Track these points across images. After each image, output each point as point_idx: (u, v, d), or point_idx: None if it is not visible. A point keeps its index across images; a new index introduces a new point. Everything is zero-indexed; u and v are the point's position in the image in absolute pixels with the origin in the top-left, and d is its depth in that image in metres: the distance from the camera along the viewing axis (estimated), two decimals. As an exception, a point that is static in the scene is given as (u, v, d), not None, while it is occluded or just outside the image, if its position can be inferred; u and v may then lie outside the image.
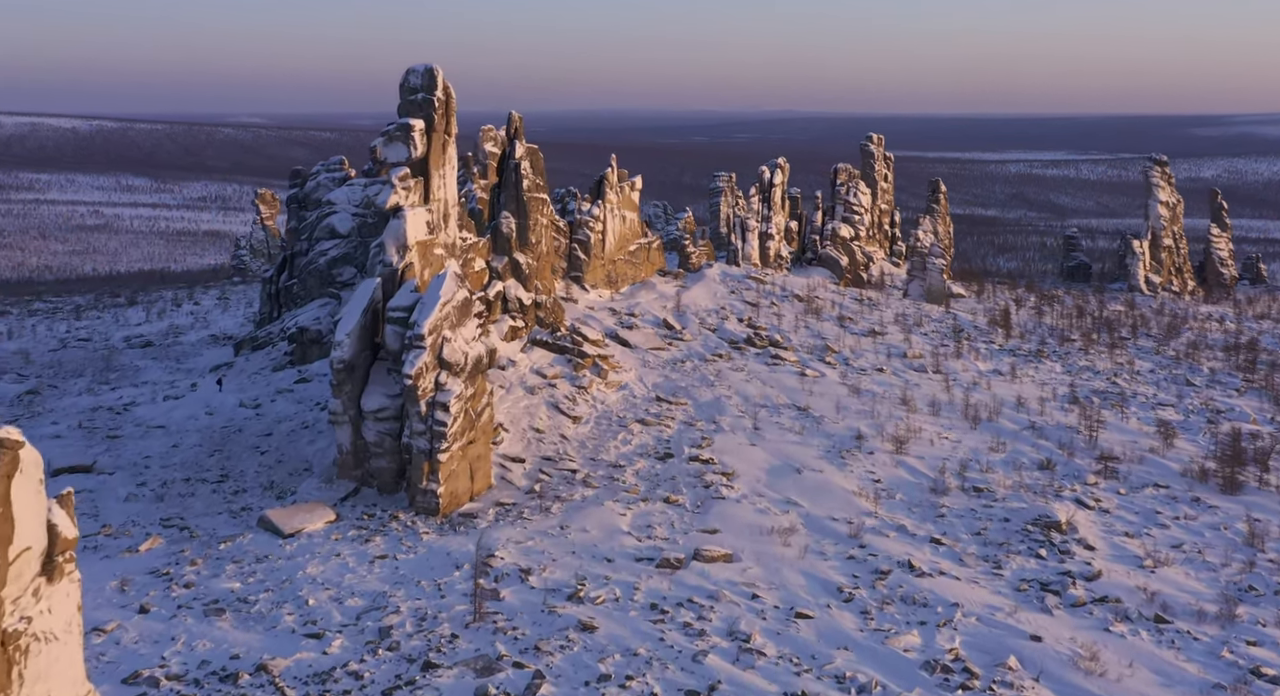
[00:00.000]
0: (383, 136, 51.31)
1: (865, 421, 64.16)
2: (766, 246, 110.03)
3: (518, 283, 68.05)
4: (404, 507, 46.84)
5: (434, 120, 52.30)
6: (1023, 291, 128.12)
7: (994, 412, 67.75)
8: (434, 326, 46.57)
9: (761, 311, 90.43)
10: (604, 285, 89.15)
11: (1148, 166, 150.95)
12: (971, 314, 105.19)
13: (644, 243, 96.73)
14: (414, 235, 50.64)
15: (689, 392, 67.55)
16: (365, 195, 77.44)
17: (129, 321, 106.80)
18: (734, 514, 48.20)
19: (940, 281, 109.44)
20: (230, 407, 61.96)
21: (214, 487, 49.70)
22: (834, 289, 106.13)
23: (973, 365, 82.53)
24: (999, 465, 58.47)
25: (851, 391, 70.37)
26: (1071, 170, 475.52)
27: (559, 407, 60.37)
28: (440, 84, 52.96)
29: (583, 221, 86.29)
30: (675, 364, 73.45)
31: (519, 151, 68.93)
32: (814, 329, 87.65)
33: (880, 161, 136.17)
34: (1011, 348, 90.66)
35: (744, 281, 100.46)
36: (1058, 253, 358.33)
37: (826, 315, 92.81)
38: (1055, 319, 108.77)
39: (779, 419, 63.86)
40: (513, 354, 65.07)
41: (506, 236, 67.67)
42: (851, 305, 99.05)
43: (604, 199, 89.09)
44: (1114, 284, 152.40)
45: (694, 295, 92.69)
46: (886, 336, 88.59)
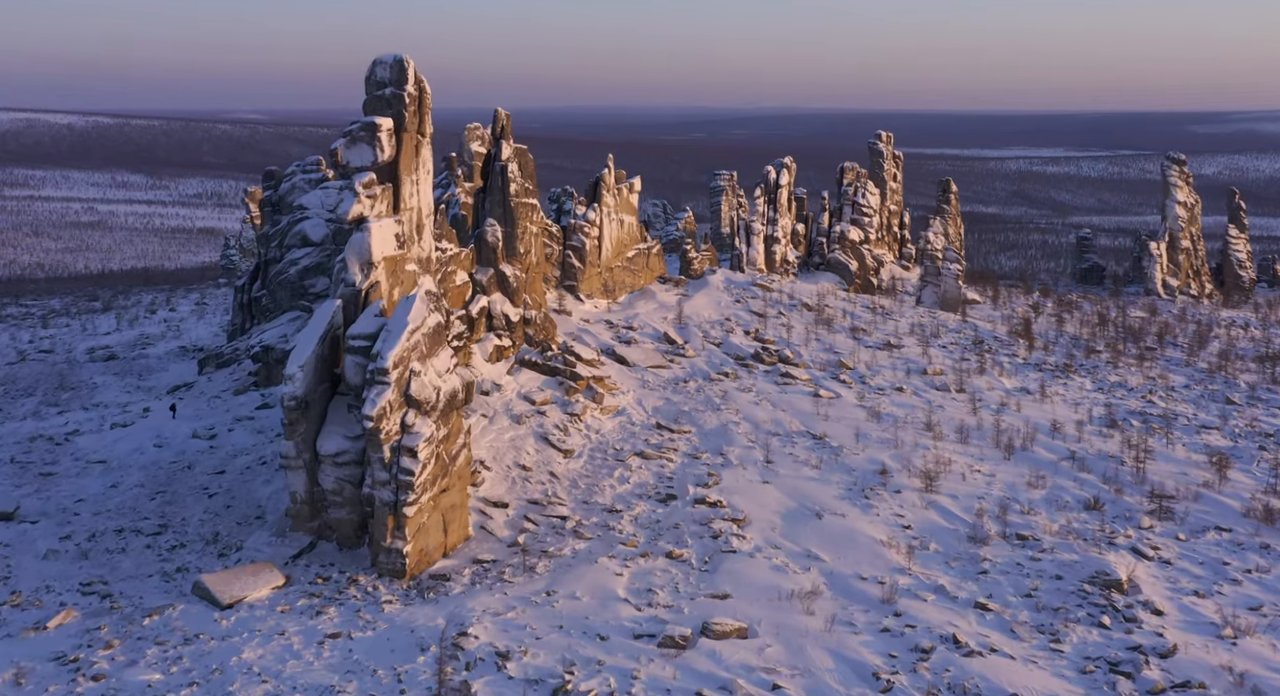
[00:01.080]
0: (345, 137, 44.38)
1: (888, 452, 57.28)
2: (772, 251, 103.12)
3: (504, 297, 61.12)
4: (365, 569, 39.97)
5: (404, 118, 45.33)
6: (1039, 296, 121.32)
7: (1028, 440, 60.88)
8: (400, 358, 39.66)
9: (769, 322, 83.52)
10: (600, 294, 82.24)
11: (1165, 165, 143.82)
12: (990, 323, 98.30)
13: (643, 248, 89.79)
14: (380, 250, 43.71)
15: (693, 418, 60.66)
16: (339, 199, 70.47)
17: (97, 330, 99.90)
18: (747, 572, 41.36)
19: (956, 288, 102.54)
20: (182, 438, 55.03)
21: (149, 541, 42.79)
22: (844, 296, 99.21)
23: (998, 382, 75.65)
24: (1041, 505, 51.64)
25: (871, 416, 63.49)
26: (1072, 167, 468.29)
27: (548, 439, 53.44)
28: (412, 77, 46.00)
29: (577, 227, 79.36)
30: (677, 384, 66.55)
31: (506, 152, 61.95)
32: (826, 342, 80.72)
33: (889, 160, 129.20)
34: (1036, 361, 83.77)
35: (749, 289, 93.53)
36: (1060, 251, 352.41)
37: (838, 326, 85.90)
38: (1077, 327, 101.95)
39: (793, 449, 56.98)
40: (498, 377, 58.16)
41: (492, 246, 60.72)
42: (864, 314, 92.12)
43: (600, 202, 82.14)
44: (1130, 286, 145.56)
45: (697, 305, 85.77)
46: (903, 349, 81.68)
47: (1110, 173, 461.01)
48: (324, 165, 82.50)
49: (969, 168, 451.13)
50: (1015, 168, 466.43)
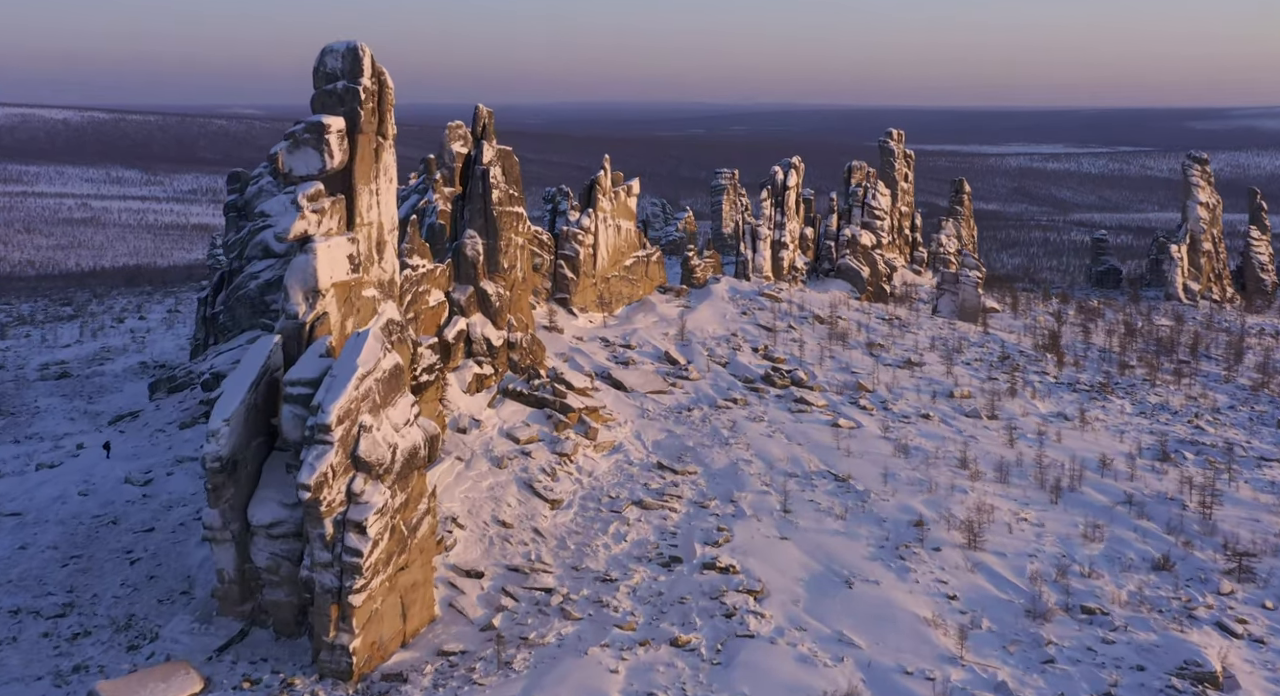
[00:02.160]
0: (287, 140, 36.68)
1: (921, 496, 49.66)
2: (780, 257, 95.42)
3: (485, 319, 53.44)
4: (305, 667, 32.34)
5: (359, 117, 37.60)
6: (1059, 304, 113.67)
7: (1075, 478, 53.30)
8: (346, 411, 32.00)
9: (779, 338, 75.84)
10: (595, 307, 74.56)
11: (1186, 164, 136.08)
12: (1012, 334, 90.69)
13: (642, 256, 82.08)
14: (328, 275, 36.01)
15: (699, 455, 53.03)
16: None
17: (58, 341, 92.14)
18: (767, 665, 33.78)
19: (975, 297, 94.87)
20: (113, 484, 47.37)
21: (49, 627, 35.16)
22: (857, 306, 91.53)
23: (1032, 406, 68.06)
24: (1102, 564, 44.06)
25: (898, 450, 55.86)
26: (1073, 164, 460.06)
27: (533, 487, 45.79)
28: (368, 68, 38.27)
29: (570, 235, 71.63)
30: (681, 413, 58.90)
31: (488, 155, 54.21)
32: (841, 360, 73.08)
33: (900, 159, 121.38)
34: (1069, 380, 76.17)
35: (756, 299, 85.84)
36: (1063, 249, 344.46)
37: (853, 341, 78.23)
38: (1104, 338, 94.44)
39: (813, 494, 49.34)
40: (478, 410, 50.50)
41: (471, 261, 53.05)
42: (880, 327, 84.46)
43: (595, 207, 74.39)
44: (1148, 290, 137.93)
45: (700, 318, 78.10)
46: (925, 367, 74.05)
47: (1111, 169, 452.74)
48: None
49: (969, 164, 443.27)
50: (1016, 164, 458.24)
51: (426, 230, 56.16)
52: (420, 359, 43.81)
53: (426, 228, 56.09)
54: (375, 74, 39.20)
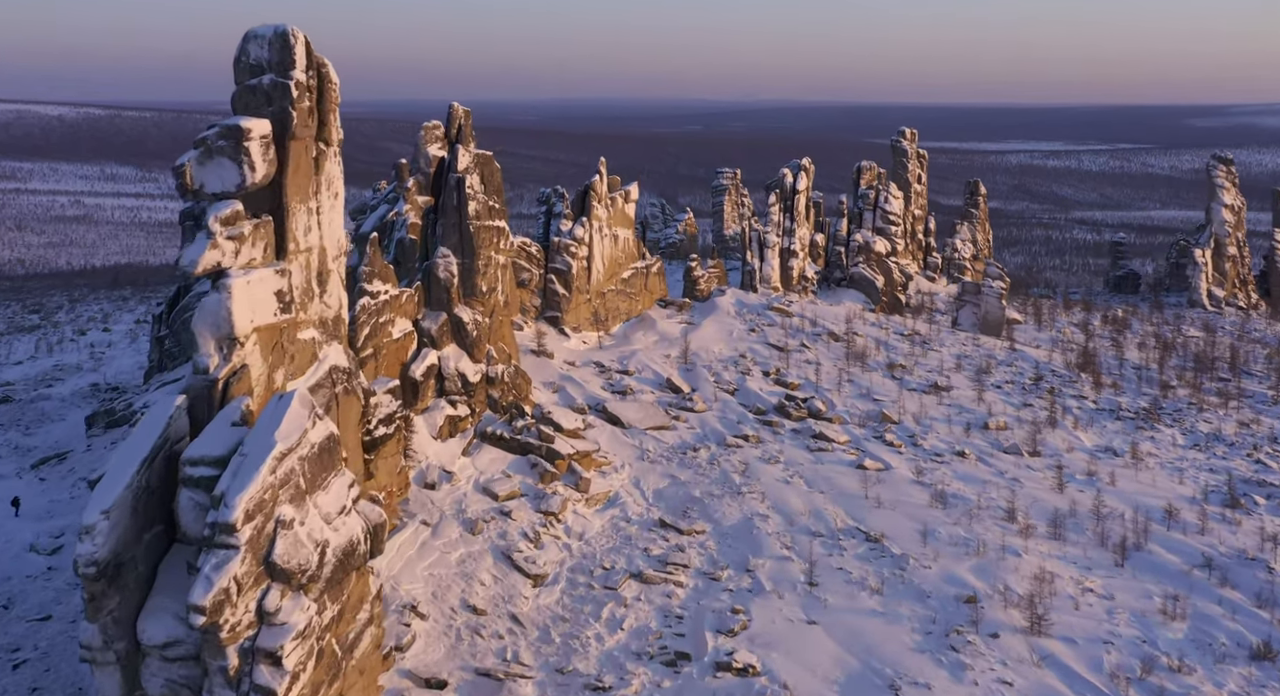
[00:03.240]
0: (197, 148, 28.90)
1: (968, 561, 41.93)
2: (789, 266, 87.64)
3: (460, 350, 45.64)
4: None
5: (291, 119, 29.77)
6: (1082, 313, 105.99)
7: (1140, 533, 45.60)
8: (258, 503, 24.24)
9: (791, 358, 68.10)
10: (589, 325, 66.77)
11: (1211, 165, 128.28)
12: (1041, 350, 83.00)
13: (640, 267, 74.28)
14: (248, 317, 28.19)
15: (707, 508, 45.28)
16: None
17: (11, 357, 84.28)
18: (804, 820, 26.05)
19: (999, 309, 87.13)
20: (16, 550, 39.58)
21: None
22: (872, 320, 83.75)
23: (1075, 439, 60.37)
24: (1192, 652, 36.40)
25: (935, 499, 48.09)
26: (1073, 161, 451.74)
27: (512, 558, 38.02)
28: (302, 58, 30.43)
29: (561, 246, 63.86)
30: (686, 453, 51.14)
31: (464, 161, 46.34)
32: (861, 384, 65.32)
33: (914, 160, 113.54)
34: (1110, 405, 68.50)
35: (764, 314, 78.06)
36: (1065, 247, 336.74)
37: (873, 361, 70.47)
38: (1137, 352, 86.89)
39: (842, 559, 41.60)
40: (449, 460, 42.73)
41: (444, 284, 45.23)
42: (899, 345, 76.69)
43: (590, 215, 66.59)
44: (1169, 295, 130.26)
45: (705, 336, 70.34)
46: (953, 392, 66.31)
47: (1111, 167, 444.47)
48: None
49: (969, 161, 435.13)
50: (1015, 161, 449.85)
51: (395, 247, 48.33)
52: (375, 409, 36.02)
53: (395, 244, 48.26)
54: (313, 66, 31.35)
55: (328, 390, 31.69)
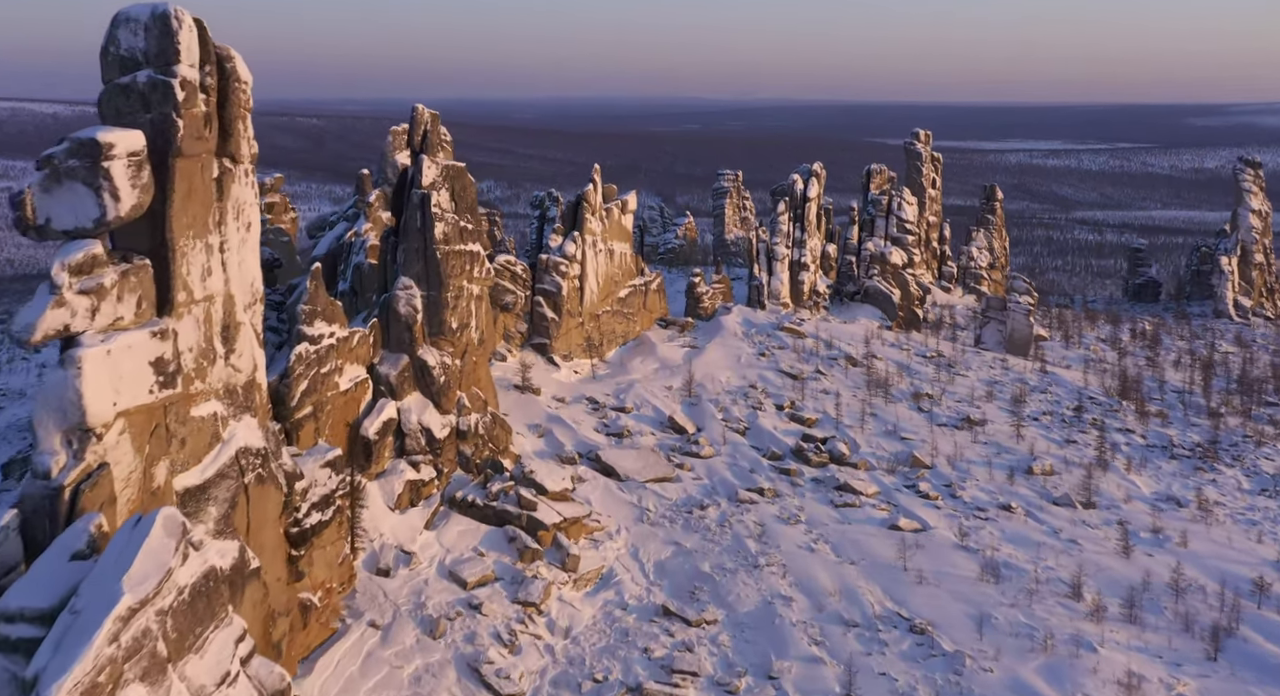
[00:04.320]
0: (42, 169, 21.30)
1: (1035, 658, 34.25)
2: (799, 279, 79.90)
3: (425, 400, 37.92)
4: None
5: (174, 129, 22.11)
6: (1108, 325, 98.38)
7: (1230, 615, 37.99)
8: (87, 692, 16.48)
9: (807, 388, 60.40)
10: (581, 352, 59.09)
11: (1238, 168, 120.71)
12: (1074, 372, 75.38)
13: (639, 285, 66.56)
14: (107, 400, 20.52)
15: (719, 587, 37.58)
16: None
17: (-47, 380, 76.31)
18: None
19: (1027, 327, 79.45)
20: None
21: None
22: (891, 340, 76.03)
23: (1131, 485, 52.77)
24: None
25: (985, 571, 40.36)
26: (1073, 160, 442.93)
27: (480, 671, 30.27)
28: (191, 48, 22.77)
29: (551, 265, 56.15)
30: (692, 512, 43.43)
31: (429, 174, 38.54)
32: (886, 419, 57.64)
33: (929, 163, 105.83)
34: (1160, 440, 60.94)
35: (774, 334, 70.36)
36: (1067, 248, 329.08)
37: (896, 391, 62.77)
38: (1174, 372, 79.40)
39: (884, 659, 33.91)
40: (409, 536, 35.02)
41: (406, 320, 37.49)
42: (923, 369, 68.99)
43: (582, 229, 58.87)
44: (1192, 304, 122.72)
45: (710, 362, 62.63)
46: (988, 427, 58.67)
47: (1111, 166, 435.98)
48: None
49: (968, 160, 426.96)
50: (1015, 160, 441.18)
51: (353, 273, 40.55)
52: (305, 494, 28.26)
53: (353, 270, 40.50)
54: (210, 59, 23.60)
55: (233, 482, 24.00)
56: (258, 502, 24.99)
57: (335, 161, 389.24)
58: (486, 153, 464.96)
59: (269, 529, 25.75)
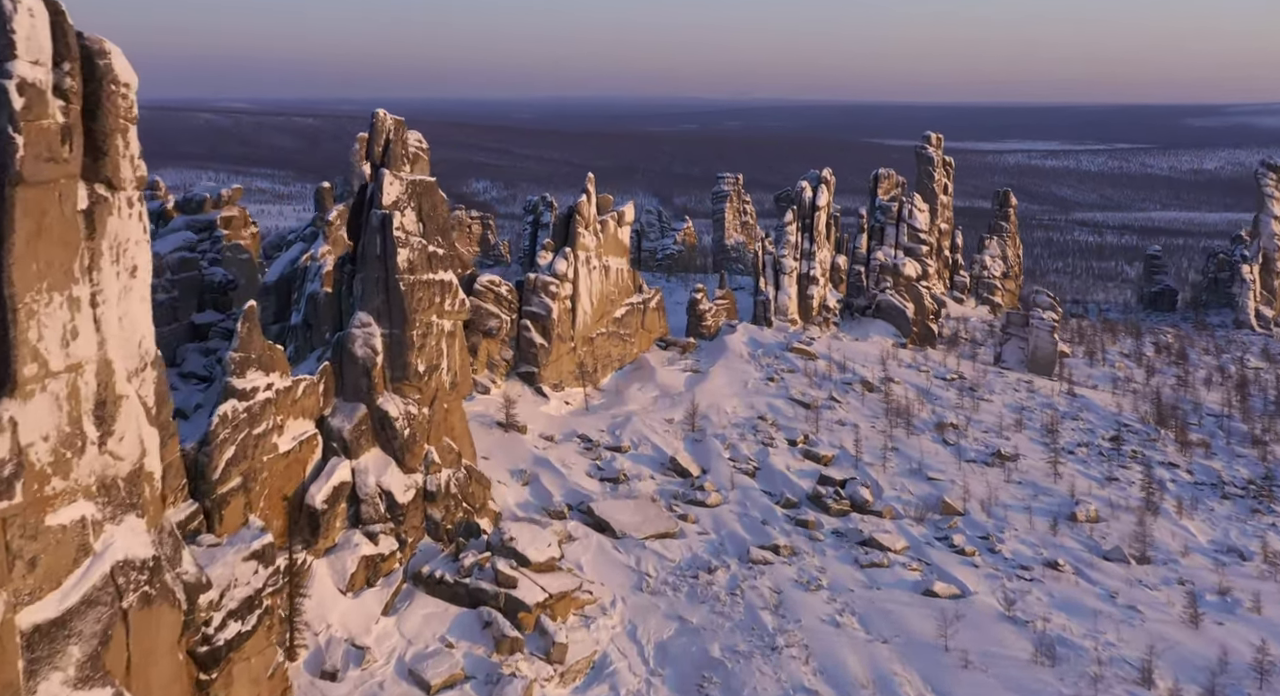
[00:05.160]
0: None
1: (1110, 774, 28.38)
2: (808, 294, 73.99)
3: (386, 457, 31.97)
4: None
5: (9, 146, 16.22)
6: (1129, 338, 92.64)
7: (1326, 706, 32.15)
8: None
9: (821, 419, 54.49)
10: (573, 381, 53.16)
11: (1260, 173, 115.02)
12: (1103, 393, 69.56)
13: (637, 303, 60.66)
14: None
15: (730, 680, 31.64)
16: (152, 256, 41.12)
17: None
18: None
19: (1051, 345, 73.57)
20: None
21: None
22: (908, 359, 70.15)
23: (1185, 532, 46.92)
24: None
25: (1038, 650, 34.41)
26: (1071, 161, 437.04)
27: (444, 811, 24.29)
28: (37, 37, 16.91)
29: (540, 285, 50.24)
30: (697, 578, 37.48)
31: (390, 191, 32.57)
32: (909, 455, 51.74)
33: (940, 168, 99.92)
34: (1207, 476, 55.18)
35: (783, 356, 64.48)
36: (1067, 250, 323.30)
37: (918, 420, 56.88)
38: (1205, 391, 73.62)
39: (930, 775, 27.99)
40: (363, 626, 29.05)
41: (363, 364, 31.54)
42: (944, 394, 63.11)
43: (574, 245, 52.94)
44: (1210, 313, 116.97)
45: (715, 389, 56.74)
46: (1021, 463, 52.80)
47: (1110, 167, 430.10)
48: (163, 190, 53.17)
49: (966, 161, 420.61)
50: (1013, 161, 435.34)
51: (307, 305, 34.59)
52: (218, 603, 22.29)
53: (307, 301, 34.53)
54: (74, 54, 17.62)
55: (105, 609, 18.06)
56: (143, 631, 19.07)
57: (331, 162, 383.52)
58: (484, 153, 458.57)
59: (162, 660, 19.84)
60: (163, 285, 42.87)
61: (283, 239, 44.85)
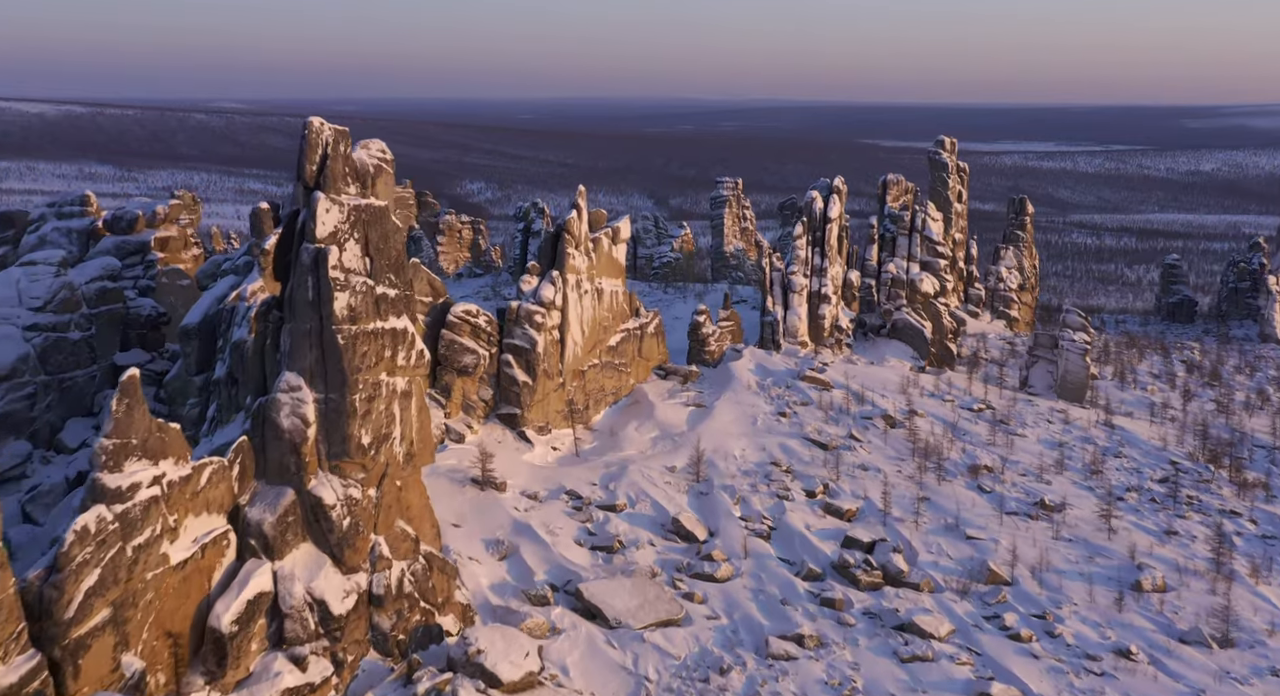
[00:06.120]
0: None
1: None
2: (820, 313, 67.23)
3: (320, 555, 25.16)
4: None
5: None
6: (1157, 356, 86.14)
7: None
8: None
9: (841, 464, 47.73)
10: (562, 421, 46.39)
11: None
12: (1142, 423, 62.97)
13: (633, 328, 53.92)
14: None
15: None
16: (62, 287, 34.46)
17: None
18: None
19: (1083, 369, 66.91)
20: None
21: None
22: (929, 387, 63.43)
23: (1268, 605, 40.18)
24: None
25: (1126, 782, 27.75)
26: (1068, 162, 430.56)
27: None
28: None
29: (523, 315, 43.46)
30: (708, 681, 30.68)
31: (326, 221, 25.69)
32: (943, 507, 45.01)
33: (954, 175, 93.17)
34: (1274, 525, 48.55)
35: (795, 386, 57.77)
36: (1066, 253, 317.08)
37: (949, 463, 50.15)
38: (1248, 418, 67.09)
39: None
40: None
41: (291, 438, 24.69)
42: (973, 428, 56.42)
43: (563, 268, 46.14)
44: (1233, 324, 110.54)
45: (721, 427, 50.01)
46: (1069, 514, 46.10)
47: (1108, 168, 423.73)
48: (94, 204, 46.39)
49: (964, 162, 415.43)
50: (1010, 162, 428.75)
51: (232, 354, 27.76)
52: None
53: (232, 350, 27.69)
54: None
55: None
56: None
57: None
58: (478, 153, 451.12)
59: None
60: (77, 321, 36.04)
61: (217, 266, 37.88)
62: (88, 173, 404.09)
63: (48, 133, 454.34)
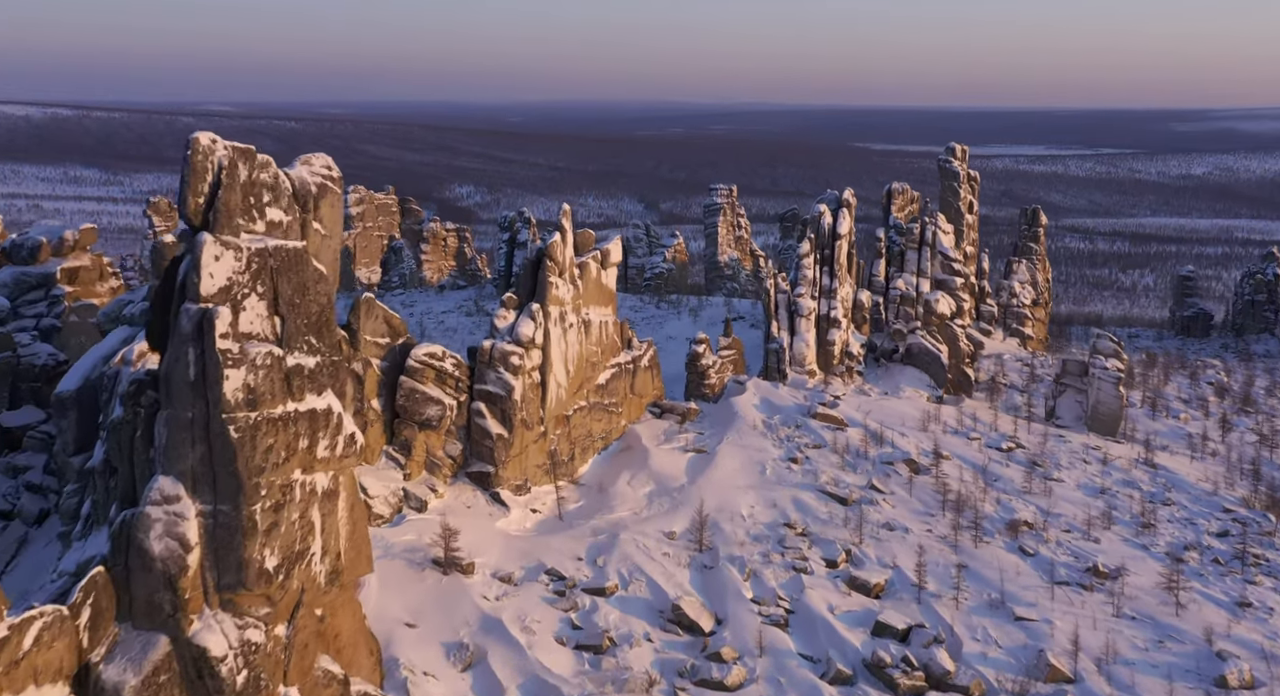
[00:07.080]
0: None
1: None
2: (829, 339, 60.72)
3: (204, 726, 18.25)
4: None
5: None
6: (1184, 378, 79.94)
7: None
8: None
9: (866, 524, 41.15)
10: (542, 476, 39.71)
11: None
12: (1185, 461, 56.76)
13: (625, 362, 47.25)
14: None
15: None
16: None
17: None
18: None
19: (1116, 400, 60.58)
20: None
21: None
22: (953, 422, 56.93)
23: (1374, 704, 33.83)
24: None
25: None
26: (1059, 166, 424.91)
27: None
28: None
29: (498, 357, 36.83)
30: None
31: (216, 273, 18.93)
32: (985, 577, 38.46)
33: (965, 184, 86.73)
34: (1356, 592, 42.15)
35: (805, 426, 51.17)
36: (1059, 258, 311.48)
37: (986, 521, 43.56)
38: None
39: None
40: None
41: (165, 570, 17.85)
42: (1006, 472, 49.95)
43: (545, 300, 39.45)
44: (1252, 339, 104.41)
45: (725, 478, 43.42)
46: (1127, 584, 39.59)
47: (1099, 172, 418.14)
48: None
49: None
50: (1001, 166, 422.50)
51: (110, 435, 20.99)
52: None
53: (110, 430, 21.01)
54: None
55: None
56: None
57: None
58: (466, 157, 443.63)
59: None
60: (-50, 375, 29.18)
61: (121, 308, 30.86)
62: (72, 176, 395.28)
63: (33, 135, 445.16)
